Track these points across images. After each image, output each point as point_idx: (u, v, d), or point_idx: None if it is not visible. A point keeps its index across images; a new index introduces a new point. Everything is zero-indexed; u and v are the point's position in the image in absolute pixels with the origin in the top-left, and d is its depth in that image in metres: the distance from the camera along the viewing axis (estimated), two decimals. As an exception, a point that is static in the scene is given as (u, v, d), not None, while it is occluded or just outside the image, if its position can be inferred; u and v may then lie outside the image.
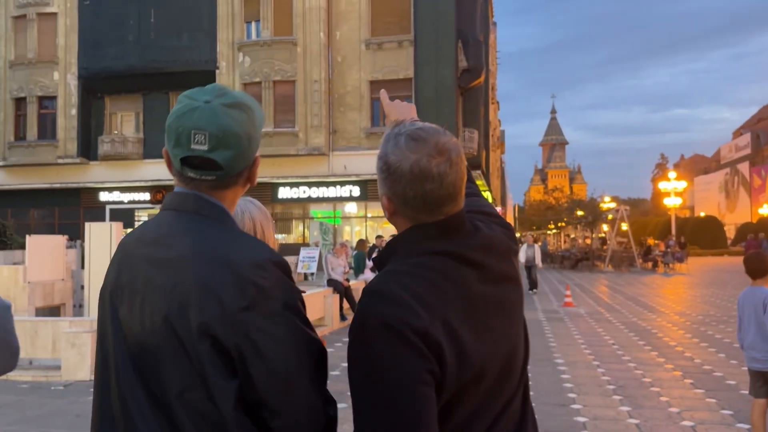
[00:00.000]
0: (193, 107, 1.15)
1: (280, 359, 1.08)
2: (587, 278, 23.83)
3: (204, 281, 1.08)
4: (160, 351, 1.09)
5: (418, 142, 1.16)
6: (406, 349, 1.04)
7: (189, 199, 1.18)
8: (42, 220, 28.00)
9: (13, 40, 27.95)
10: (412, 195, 1.15)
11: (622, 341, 9.46)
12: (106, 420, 1.15)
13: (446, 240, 1.17)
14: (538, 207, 58.99)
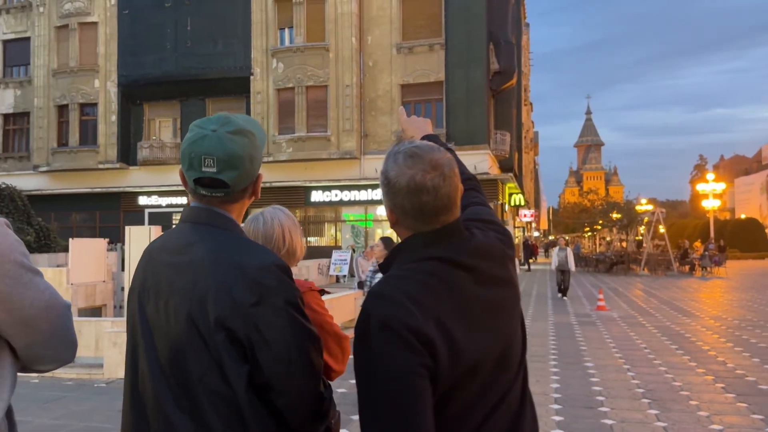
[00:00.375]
0: (202, 135, 1.34)
1: (284, 347, 1.26)
2: (622, 282, 23.51)
3: (219, 282, 1.26)
4: (183, 342, 1.27)
5: (414, 158, 1.29)
6: (401, 345, 1.16)
7: (203, 212, 1.38)
8: (83, 224, 28.89)
9: (56, 49, 28.95)
10: (410, 206, 1.29)
11: (655, 345, 9.38)
12: (137, 403, 1.33)
13: (442, 246, 1.29)
14: (573, 209, 58.23)
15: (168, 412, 1.27)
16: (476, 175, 10.29)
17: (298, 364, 1.28)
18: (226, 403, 1.24)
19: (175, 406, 1.26)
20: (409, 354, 1.16)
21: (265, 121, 26.21)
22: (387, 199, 1.34)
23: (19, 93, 30.49)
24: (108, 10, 28.15)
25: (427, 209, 1.28)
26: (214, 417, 1.24)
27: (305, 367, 1.29)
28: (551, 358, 8.42)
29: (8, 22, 30.95)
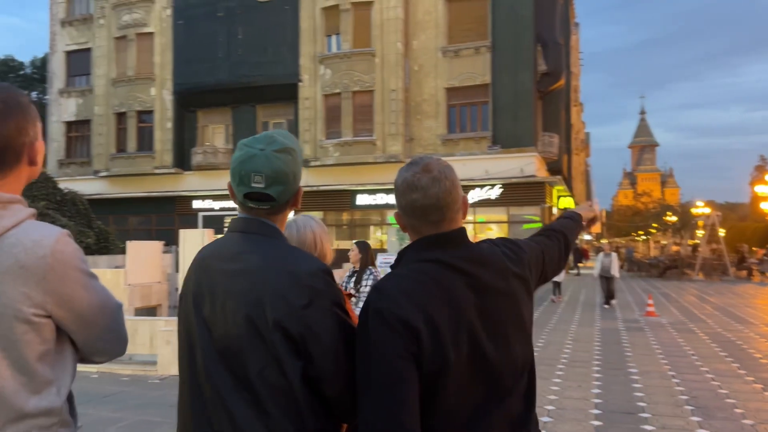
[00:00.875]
0: (251, 154, 1.49)
1: (332, 343, 1.41)
2: (675, 287, 22.87)
3: (274, 286, 1.41)
4: (242, 341, 1.41)
5: (412, 164, 1.51)
6: (389, 332, 1.35)
7: (253, 223, 1.54)
8: (140, 227, 30.02)
9: (114, 59, 30.22)
10: (404, 204, 1.49)
11: (703, 352, 9.18)
12: (196, 396, 1.47)
13: (441, 250, 1.46)
14: (625, 212, 56.80)
15: (229, 404, 1.40)
16: (523, 177, 10.45)
17: (344, 357, 1.42)
18: (283, 394, 1.38)
19: (236, 398, 1.40)
20: (398, 339, 1.34)
21: (313, 126, 26.68)
22: (396, 203, 1.53)
23: (80, 101, 31.96)
24: (163, 20, 29.22)
25: (417, 206, 1.46)
26: (273, 407, 1.38)
27: (351, 361, 1.43)
28: (594, 363, 8.37)
29: (71, 34, 32.50)
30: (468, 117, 25.63)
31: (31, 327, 1.32)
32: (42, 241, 1.33)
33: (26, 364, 1.32)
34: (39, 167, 1.48)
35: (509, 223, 25.35)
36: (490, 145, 24.89)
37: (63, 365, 1.42)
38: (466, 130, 25.45)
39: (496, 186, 24.72)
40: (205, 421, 1.44)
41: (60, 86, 32.66)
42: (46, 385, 1.36)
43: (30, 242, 1.32)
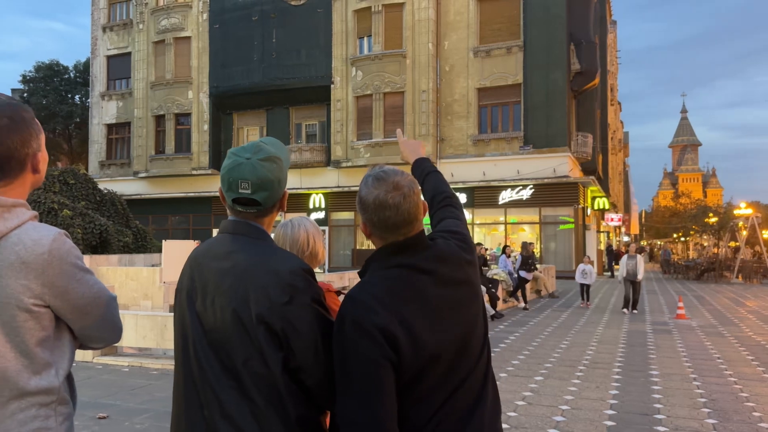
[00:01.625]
0: (238, 163, 1.64)
1: (311, 337, 1.54)
2: (710, 290, 22.36)
3: (258, 284, 1.55)
4: (229, 333, 1.56)
5: (379, 181, 1.59)
6: (368, 341, 1.46)
7: (240, 225, 1.68)
8: (178, 226, 30.79)
9: (153, 63, 31.09)
10: (377, 220, 1.58)
11: (729, 355, 9.05)
12: (189, 382, 1.63)
13: (406, 255, 1.58)
14: (664, 213, 55.57)
15: (217, 390, 1.55)
16: (556, 178, 10.68)
17: (323, 350, 1.55)
18: (266, 382, 1.52)
19: (224, 385, 1.55)
20: (375, 348, 1.45)
21: (344, 127, 26.95)
22: (361, 214, 1.64)
23: (120, 104, 32.97)
24: (200, 25, 29.93)
25: (390, 222, 1.57)
26: (258, 394, 1.52)
27: (329, 352, 1.56)
28: (616, 365, 8.34)
29: (112, 38, 33.56)
30: (499, 117, 25.54)
31: (31, 315, 1.51)
32: (41, 240, 1.51)
33: (27, 348, 1.51)
34: (42, 175, 1.67)
35: (541, 224, 25.16)
36: (521, 146, 24.76)
37: (61, 350, 1.60)
38: (497, 131, 25.37)
39: (528, 186, 24.57)
40: (196, 405, 1.59)
41: (101, 89, 33.75)
42: (46, 367, 1.54)
43: (30, 241, 1.51)
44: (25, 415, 1.50)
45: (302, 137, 29.02)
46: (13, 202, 1.54)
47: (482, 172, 24.79)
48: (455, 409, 1.55)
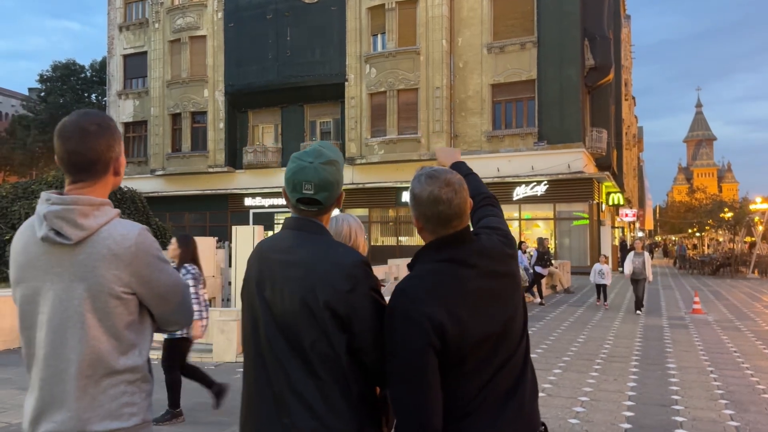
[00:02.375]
0: (302, 166, 1.83)
1: (371, 321, 1.72)
2: (726, 285, 22.31)
3: (323, 274, 1.73)
4: (297, 318, 1.74)
5: (432, 178, 1.76)
6: (416, 330, 1.63)
7: (303, 222, 1.86)
8: (195, 223, 31.15)
9: (169, 62, 31.42)
10: (430, 214, 1.75)
11: (746, 349, 9.13)
12: (259, 363, 1.81)
13: (452, 249, 1.75)
14: (679, 208, 55.22)
15: (287, 368, 1.73)
16: (570, 173, 11.05)
17: (380, 333, 1.73)
18: (331, 361, 1.70)
19: (293, 364, 1.73)
20: (423, 336, 1.63)
21: (358, 124, 27.12)
22: (414, 210, 1.81)
23: (137, 103, 33.37)
24: (215, 23, 30.20)
25: (443, 216, 1.74)
26: (324, 372, 1.70)
27: (383, 335, 1.74)
28: (633, 358, 8.46)
29: (128, 38, 33.95)
30: (513, 113, 25.58)
31: (121, 302, 1.70)
32: (128, 235, 1.70)
33: (117, 331, 1.70)
34: (121, 177, 1.86)
35: (556, 220, 25.20)
36: (536, 141, 24.80)
37: (144, 333, 1.80)
38: (511, 127, 25.42)
39: (543, 182, 24.61)
40: (266, 383, 1.78)
41: (118, 88, 34.16)
42: (132, 347, 1.74)
43: (119, 235, 1.70)
44: (115, 390, 1.70)
45: (317, 134, 29.23)
46: (101, 201, 1.73)
47: (496, 168, 24.87)
48: (498, 388, 1.73)
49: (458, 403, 1.69)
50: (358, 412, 1.71)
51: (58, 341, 1.67)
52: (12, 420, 5.52)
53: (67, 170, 1.75)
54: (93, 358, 1.66)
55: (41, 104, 43.98)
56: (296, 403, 1.71)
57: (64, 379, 1.66)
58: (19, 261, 1.74)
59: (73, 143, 1.72)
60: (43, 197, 1.72)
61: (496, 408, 1.71)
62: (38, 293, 1.71)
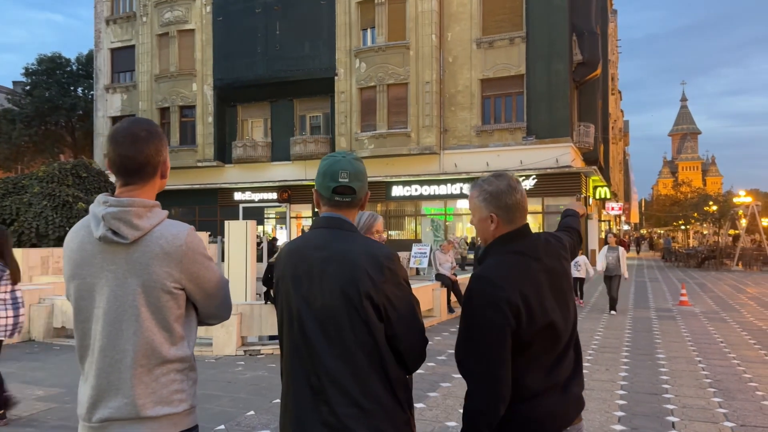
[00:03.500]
0: (337, 159, 2.00)
1: (404, 309, 1.88)
2: (712, 277, 22.74)
3: (361, 267, 1.87)
4: (337, 308, 1.86)
5: (501, 176, 2.05)
6: (493, 311, 1.85)
7: (333, 220, 2.00)
8: (184, 218, 31.03)
9: (157, 56, 31.23)
10: (509, 202, 2.00)
11: (732, 339, 9.40)
12: (296, 354, 1.94)
13: (520, 242, 1.99)
14: (664, 202, 55.88)
15: (323, 358, 1.86)
16: (558, 168, 11.42)
17: (412, 319, 1.90)
18: (370, 348, 1.84)
19: (330, 353, 1.85)
20: (500, 317, 1.85)
21: (348, 119, 27.19)
22: (490, 206, 2.02)
23: (125, 97, 33.16)
24: (204, 17, 30.06)
25: (521, 205, 2.01)
26: (362, 358, 1.84)
27: (417, 321, 1.92)
28: (624, 349, 8.69)
29: (115, 31, 33.68)
30: (503, 108, 25.78)
31: (172, 297, 1.82)
32: (179, 234, 1.83)
33: (168, 324, 1.83)
34: (166, 180, 1.99)
35: (544, 214, 25.48)
36: (524, 136, 25.03)
37: (190, 326, 1.93)
38: (500, 121, 25.63)
39: (531, 177, 24.87)
40: (304, 375, 1.91)
41: (105, 82, 33.92)
42: (181, 339, 1.86)
43: (170, 235, 1.82)
44: (166, 378, 1.83)
45: (306, 129, 29.26)
46: (153, 203, 1.86)
47: (486, 162, 25.08)
48: (560, 375, 1.97)
49: (528, 385, 1.92)
50: (394, 396, 1.85)
51: (115, 333, 1.79)
52: (21, 413, 5.61)
53: (119, 173, 1.87)
54: (147, 349, 1.79)
55: (26, 98, 43.46)
56: (334, 391, 1.84)
57: (120, 368, 1.78)
58: (74, 258, 1.86)
59: (125, 148, 1.84)
60: (100, 199, 1.84)
61: (560, 392, 1.96)
62: (93, 289, 1.83)
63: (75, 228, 1.91)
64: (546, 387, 1.93)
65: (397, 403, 1.86)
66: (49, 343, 9.44)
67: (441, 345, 9.01)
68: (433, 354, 8.24)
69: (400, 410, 1.87)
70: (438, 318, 11.43)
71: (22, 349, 8.89)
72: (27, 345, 9.26)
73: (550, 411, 1.93)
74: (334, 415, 1.82)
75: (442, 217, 26.76)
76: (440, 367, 7.34)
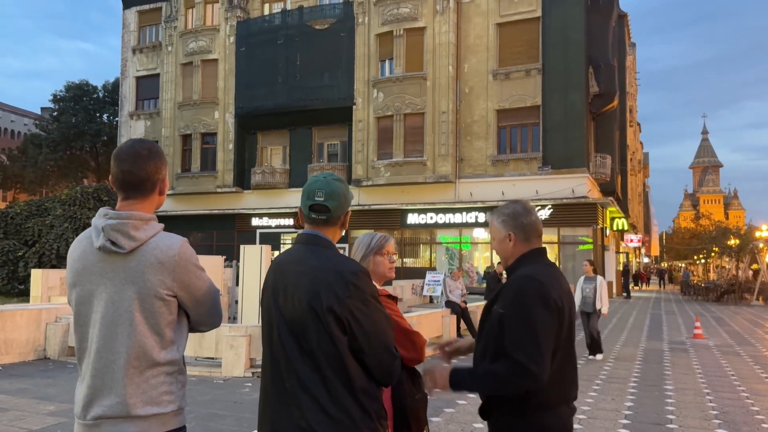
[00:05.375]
0: (316, 179, 2.17)
1: (368, 323, 2.00)
2: (730, 312, 22.38)
3: (327, 281, 2.00)
4: (306, 320, 2.00)
5: (516, 201, 2.38)
6: (548, 307, 2.11)
7: (311, 237, 2.16)
8: (202, 242, 31.44)
9: (181, 84, 32.04)
10: (531, 221, 2.33)
11: (744, 373, 9.29)
12: (274, 362, 2.08)
13: (544, 257, 2.30)
14: (684, 234, 55.24)
15: (296, 366, 1.99)
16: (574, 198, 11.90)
17: (377, 334, 2.00)
18: (335, 359, 1.96)
19: (301, 362, 1.99)
20: (552, 313, 2.12)
21: (365, 147, 27.53)
22: (506, 225, 2.35)
23: (149, 124, 33.96)
24: (227, 48, 30.87)
25: (536, 227, 2.35)
26: (328, 369, 1.96)
27: (383, 337, 2.02)
28: (632, 380, 8.63)
29: (141, 60, 34.66)
30: (518, 138, 25.94)
31: (164, 303, 1.97)
32: (173, 245, 1.99)
33: (160, 328, 1.97)
34: (164, 197, 2.16)
35: (560, 244, 25.39)
36: (540, 166, 25.10)
37: (181, 331, 2.07)
38: (516, 151, 25.76)
39: (547, 207, 24.86)
40: (279, 380, 2.05)
41: (130, 109, 34.80)
42: (171, 344, 2.01)
43: (165, 246, 1.98)
44: (156, 380, 1.96)
45: (324, 156, 29.66)
46: (150, 217, 2.03)
47: (501, 191, 25.16)
48: (573, 388, 2.26)
49: (566, 383, 2.20)
50: (361, 406, 1.97)
51: (110, 336, 1.94)
52: (32, 426, 5.76)
53: (121, 188, 2.05)
54: (139, 352, 1.93)
55: (53, 123, 44.70)
56: (305, 397, 1.97)
57: (114, 369, 1.92)
58: (76, 267, 2.03)
59: (128, 164, 2.01)
60: (101, 212, 2.01)
61: (569, 405, 2.23)
62: (93, 295, 1.98)
63: (78, 239, 2.08)
64: (562, 399, 2.17)
65: (365, 414, 1.97)
66: (63, 361, 9.63)
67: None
68: (439, 380, 8.26)
69: (368, 420, 1.98)
70: (447, 345, 11.39)
71: (36, 367, 9.09)
72: (42, 363, 9.46)
73: (563, 423, 2.16)
74: (304, 420, 1.96)
75: (457, 245, 26.78)
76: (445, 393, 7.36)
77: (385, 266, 2.76)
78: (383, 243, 2.83)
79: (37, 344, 9.74)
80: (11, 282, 16.27)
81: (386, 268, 2.77)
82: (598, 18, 26.61)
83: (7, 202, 51.45)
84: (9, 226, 17.02)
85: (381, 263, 2.74)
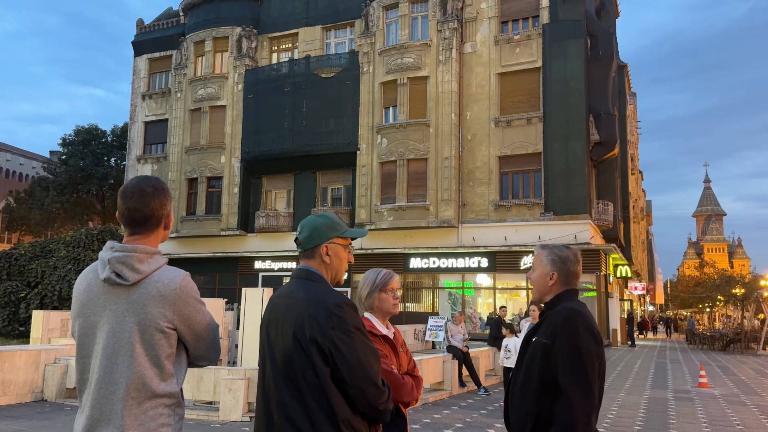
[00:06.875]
0: (306, 218, 2.33)
1: (352, 355, 2.05)
2: (736, 361, 22.07)
3: (311, 313, 2.09)
4: (291, 352, 2.08)
5: (569, 248, 2.66)
6: (595, 342, 2.34)
7: (302, 271, 2.27)
8: (205, 285, 31.39)
9: (189, 129, 32.58)
10: (573, 270, 2.57)
11: (749, 422, 9.14)
12: (265, 393, 2.16)
13: (578, 295, 2.61)
14: (688, 282, 54.88)
15: (281, 396, 2.06)
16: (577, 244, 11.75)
17: (360, 366, 2.04)
18: (318, 390, 2.02)
19: (286, 392, 2.05)
20: (599, 347, 2.34)
21: (369, 191, 27.77)
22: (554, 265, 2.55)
23: (155, 167, 34.38)
24: (235, 95, 31.52)
25: (578, 275, 2.60)
26: (311, 398, 2.02)
27: (366, 368, 2.06)
28: (636, 428, 8.50)
29: (150, 106, 35.37)
30: (520, 184, 26.17)
31: (164, 336, 2.03)
32: (174, 279, 2.06)
33: (159, 361, 2.03)
34: (169, 232, 2.24)
35: (562, 291, 25.22)
36: (542, 212, 25.23)
37: (180, 365, 2.12)
38: (518, 197, 25.95)
39: (549, 253, 24.80)
40: (267, 410, 2.12)
41: (138, 153, 35.30)
42: (170, 376, 2.06)
43: (167, 279, 2.06)
44: (154, 412, 2.01)
45: (328, 200, 29.90)
46: (154, 251, 2.11)
47: (504, 237, 25.23)
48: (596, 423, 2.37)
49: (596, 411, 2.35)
50: None
51: (110, 367, 1.99)
52: (26, 468, 5.70)
53: (126, 224, 2.14)
54: (139, 383, 1.98)
55: (61, 167, 45.24)
56: (287, 425, 2.03)
57: (113, 399, 1.97)
58: (81, 299, 2.10)
59: (133, 201, 2.11)
60: (108, 245, 2.09)
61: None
62: (96, 326, 2.05)
63: (85, 271, 2.16)
64: (592, 428, 2.31)
65: None
66: (61, 403, 9.55)
67: (449, 419, 8.92)
68: (440, 427, 8.17)
69: None
70: (448, 392, 11.28)
71: (33, 408, 9.01)
72: (39, 404, 9.39)
73: None
74: None
75: (460, 290, 26.68)
76: (445, 439, 7.27)
77: (389, 302, 2.83)
78: (388, 279, 2.91)
79: (34, 386, 9.68)
80: (12, 323, 16.23)
81: (390, 304, 2.84)
82: (598, 68, 27.18)
83: (12, 243, 51.64)
84: (12, 267, 17.10)
85: (386, 300, 2.83)
